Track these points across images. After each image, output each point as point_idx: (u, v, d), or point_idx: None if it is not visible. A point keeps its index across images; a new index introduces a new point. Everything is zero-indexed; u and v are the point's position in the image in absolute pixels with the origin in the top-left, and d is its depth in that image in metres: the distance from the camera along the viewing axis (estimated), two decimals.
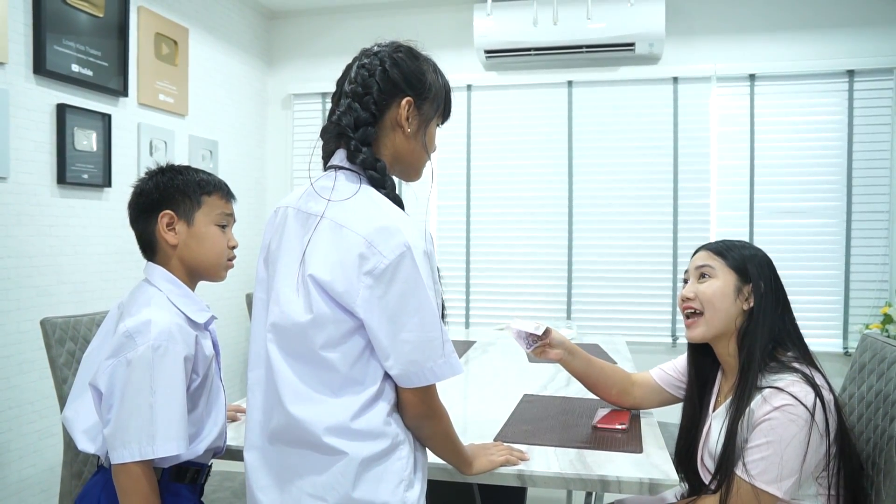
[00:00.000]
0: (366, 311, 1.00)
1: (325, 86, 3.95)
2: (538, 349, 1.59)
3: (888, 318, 3.17)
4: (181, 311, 1.27)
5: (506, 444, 1.33)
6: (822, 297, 3.39)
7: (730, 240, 1.46)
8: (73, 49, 2.53)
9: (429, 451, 1.17)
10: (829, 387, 1.27)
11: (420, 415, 1.07)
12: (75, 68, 2.54)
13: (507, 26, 3.49)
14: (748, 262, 1.38)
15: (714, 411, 1.41)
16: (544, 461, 1.30)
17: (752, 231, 3.47)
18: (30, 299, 2.38)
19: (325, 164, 1.17)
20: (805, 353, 1.33)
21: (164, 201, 1.32)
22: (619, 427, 1.50)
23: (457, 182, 3.84)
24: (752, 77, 3.47)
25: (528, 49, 3.54)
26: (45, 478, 2.45)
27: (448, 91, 1.20)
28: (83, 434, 1.27)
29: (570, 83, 3.68)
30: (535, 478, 1.25)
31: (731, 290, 1.37)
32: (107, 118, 2.72)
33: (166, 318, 1.22)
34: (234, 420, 1.60)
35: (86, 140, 2.62)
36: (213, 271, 1.37)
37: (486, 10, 3.30)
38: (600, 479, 1.23)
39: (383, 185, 1.10)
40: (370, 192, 1.08)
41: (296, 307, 1.05)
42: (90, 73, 2.62)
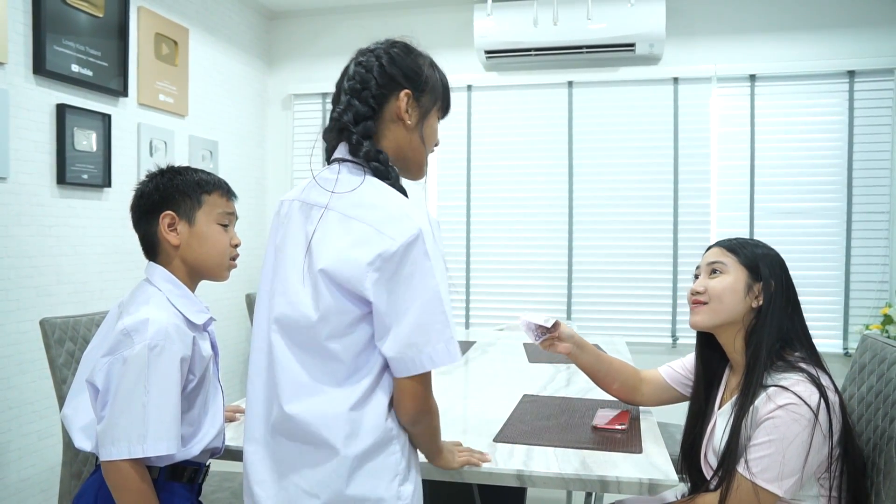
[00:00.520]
0: (375, 293, 1.01)
1: (326, 86, 3.95)
2: (547, 342, 1.60)
3: (888, 319, 3.17)
4: (180, 311, 1.27)
5: (466, 447, 1.33)
6: (823, 297, 3.39)
7: (743, 238, 1.45)
8: (72, 49, 2.53)
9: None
10: (835, 388, 1.27)
11: (418, 410, 1.06)
12: (75, 68, 2.55)
13: (508, 27, 3.49)
14: (760, 261, 1.38)
15: (720, 409, 1.41)
16: (544, 461, 1.30)
17: (752, 232, 3.47)
18: (29, 299, 2.38)
19: (328, 160, 1.18)
20: (812, 354, 1.33)
21: (165, 202, 1.32)
22: (619, 427, 1.50)
23: (457, 182, 3.84)
24: (753, 77, 3.47)
25: (529, 49, 3.54)
26: (45, 478, 2.45)
27: (446, 85, 1.21)
28: (80, 431, 1.27)
29: (570, 83, 3.68)
30: (535, 478, 1.25)
31: (742, 287, 1.37)
32: (107, 118, 2.72)
33: (164, 318, 1.22)
34: (232, 420, 1.60)
35: (86, 140, 2.62)
36: (216, 271, 1.37)
37: (486, 10, 3.30)
38: (600, 480, 1.23)
39: (387, 176, 1.10)
40: (374, 182, 1.09)
41: (302, 298, 1.05)
42: (90, 73, 2.62)
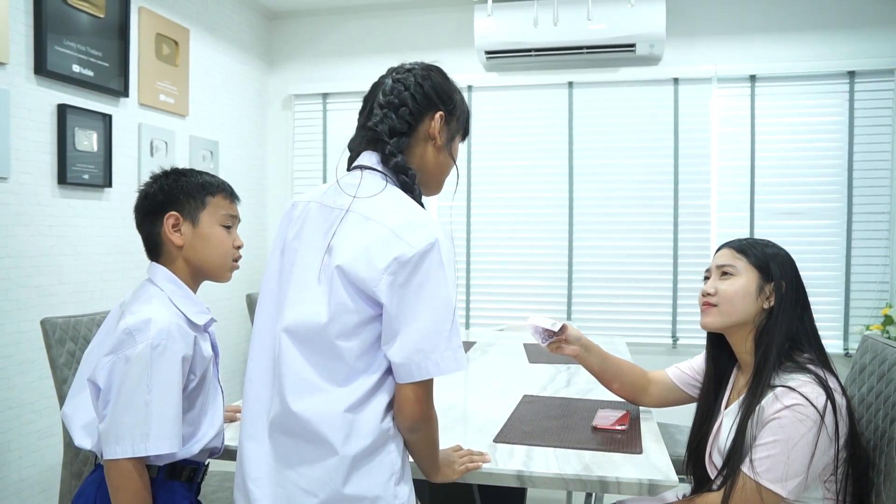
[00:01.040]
0: (387, 296, 1.03)
1: (326, 86, 3.96)
2: (554, 345, 1.60)
3: (889, 320, 3.17)
4: (181, 311, 1.28)
5: (466, 448, 1.33)
6: (823, 298, 3.39)
7: (753, 238, 1.45)
8: (73, 49, 2.53)
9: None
10: (843, 390, 1.27)
11: (419, 417, 1.07)
12: (76, 69, 2.55)
13: (508, 27, 3.49)
14: (771, 261, 1.38)
15: (726, 408, 1.41)
16: (544, 462, 1.30)
17: (752, 232, 3.47)
18: (30, 299, 2.38)
19: (350, 166, 1.21)
20: (821, 355, 1.33)
21: (169, 203, 1.33)
22: (619, 428, 1.50)
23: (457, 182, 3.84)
24: (753, 78, 3.47)
25: (529, 50, 3.54)
26: (45, 477, 2.45)
27: (469, 111, 1.29)
28: (81, 429, 1.28)
29: (570, 84, 3.68)
30: (535, 478, 1.25)
31: (753, 289, 1.37)
32: (107, 118, 2.72)
33: (166, 318, 1.22)
34: (232, 420, 1.60)
35: (86, 140, 2.62)
36: (219, 272, 1.38)
37: (486, 10, 3.30)
38: (600, 480, 1.23)
39: (412, 190, 1.15)
40: (396, 191, 1.13)
41: (317, 296, 1.07)
42: (91, 73, 2.62)
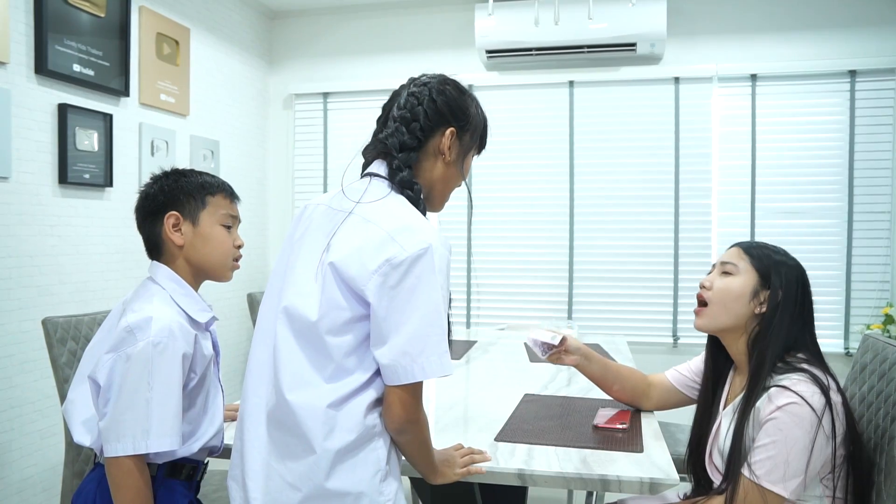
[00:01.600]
0: (375, 297, 1.04)
1: (326, 86, 3.96)
2: (554, 356, 1.61)
3: (889, 319, 3.17)
4: (183, 309, 1.29)
5: (466, 447, 1.33)
6: (824, 297, 3.38)
7: (766, 243, 1.44)
8: (74, 49, 2.53)
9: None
10: (838, 388, 1.27)
11: (406, 419, 1.08)
12: (77, 68, 2.55)
13: (509, 26, 3.49)
14: (773, 268, 1.36)
15: (724, 409, 1.41)
16: (545, 461, 1.30)
17: (753, 231, 3.47)
18: (31, 299, 2.38)
19: (362, 173, 1.23)
20: (817, 357, 1.33)
21: (170, 203, 1.34)
22: (620, 427, 1.50)
23: None
24: (754, 77, 3.46)
25: (530, 49, 3.54)
26: (47, 477, 2.45)
27: (486, 124, 1.30)
28: (81, 426, 1.29)
29: (571, 83, 3.68)
30: (536, 477, 1.25)
31: (748, 292, 1.36)
32: (108, 118, 2.72)
33: (167, 316, 1.23)
34: (233, 420, 1.60)
35: (87, 140, 2.62)
36: (220, 271, 1.39)
37: (487, 9, 3.30)
38: (601, 479, 1.23)
39: (416, 204, 1.16)
40: (399, 197, 1.15)
41: (313, 291, 1.09)
42: (91, 72, 2.62)
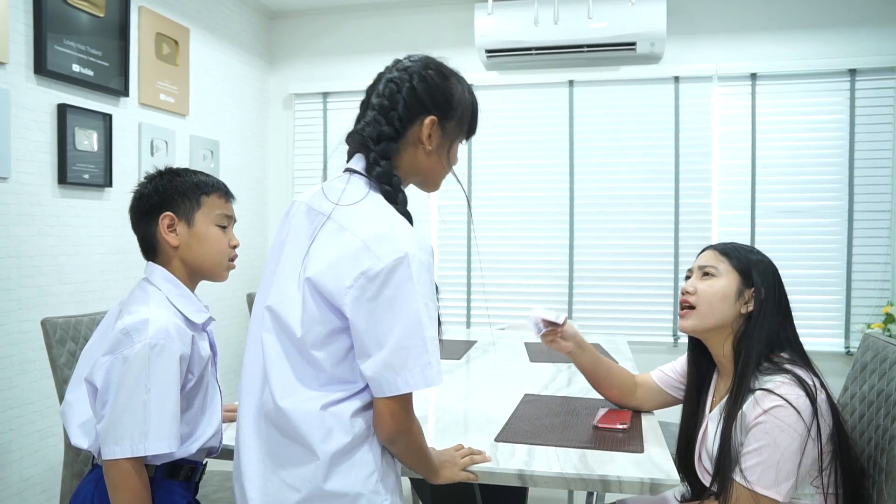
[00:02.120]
0: (353, 311, 1.02)
1: (326, 85, 3.95)
2: (549, 337, 1.60)
3: (890, 318, 3.17)
4: (179, 310, 1.28)
5: (467, 447, 1.32)
6: (824, 296, 3.39)
7: (738, 243, 1.45)
8: (73, 49, 2.53)
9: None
10: (822, 386, 1.27)
11: (395, 430, 1.06)
12: (76, 68, 2.55)
13: (508, 26, 3.49)
14: (753, 267, 1.38)
15: (710, 412, 1.41)
16: (545, 461, 1.29)
17: (753, 231, 3.47)
18: (31, 299, 2.38)
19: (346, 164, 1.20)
20: (801, 356, 1.33)
21: (164, 203, 1.33)
22: (620, 427, 1.49)
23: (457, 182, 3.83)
24: (754, 76, 3.46)
25: (530, 49, 3.54)
26: (47, 478, 2.45)
27: (475, 109, 1.22)
28: (77, 428, 1.28)
29: (571, 83, 3.68)
30: (536, 478, 1.25)
31: (733, 292, 1.37)
32: (108, 118, 2.72)
33: (164, 317, 1.23)
34: (233, 420, 1.60)
35: (87, 140, 2.62)
36: (215, 272, 1.38)
37: (487, 9, 3.30)
38: (601, 479, 1.23)
39: (395, 201, 1.12)
40: (377, 198, 1.11)
41: (293, 302, 1.07)
42: (91, 73, 2.62)
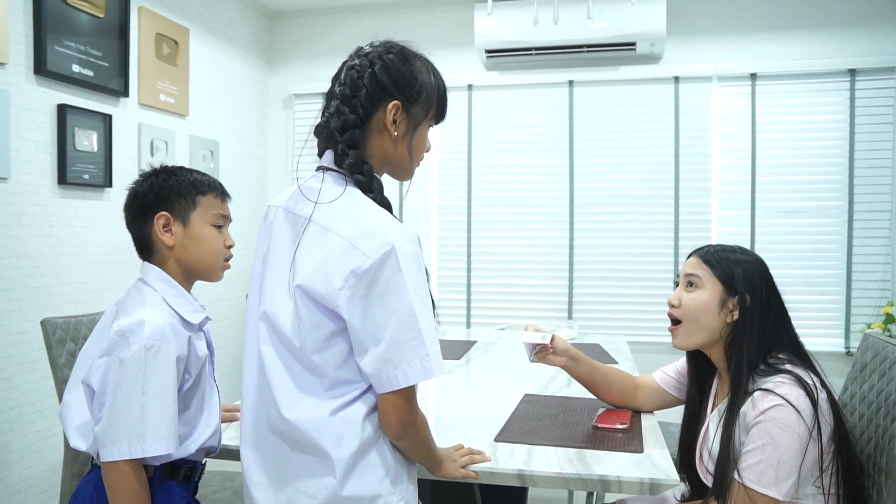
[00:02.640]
0: (348, 311, 1.02)
1: (327, 86, 3.87)
2: (540, 354, 1.60)
3: (890, 318, 3.17)
4: (175, 311, 1.27)
5: (467, 447, 1.32)
6: (824, 296, 3.38)
7: (722, 245, 1.43)
8: (73, 49, 2.53)
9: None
10: (823, 385, 1.26)
11: (400, 424, 1.06)
12: (76, 69, 2.55)
13: (508, 26, 3.49)
14: (736, 274, 1.35)
15: (711, 412, 1.41)
16: (545, 461, 1.29)
17: (753, 231, 3.47)
18: (30, 299, 2.38)
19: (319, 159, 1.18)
20: (800, 355, 1.32)
21: (160, 203, 1.32)
22: (620, 427, 1.49)
23: (457, 182, 3.84)
24: (754, 76, 3.46)
25: (529, 49, 3.53)
26: (46, 478, 2.45)
27: (443, 91, 1.18)
28: (75, 431, 1.28)
29: (570, 83, 3.68)
30: (536, 477, 1.25)
31: (716, 304, 1.36)
32: (107, 118, 2.72)
33: (160, 319, 1.22)
34: (233, 420, 1.60)
35: (86, 140, 2.62)
36: (211, 272, 1.37)
37: (486, 9, 3.30)
38: (601, 479, 1.23)
39: (370, 189, 1.10)
40: (355, 193, 1.09)
41: (286, 310, 1.07)
42: (91, 73, 2.62)
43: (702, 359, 1.48)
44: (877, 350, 1.51)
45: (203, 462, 1.38)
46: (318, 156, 1.17)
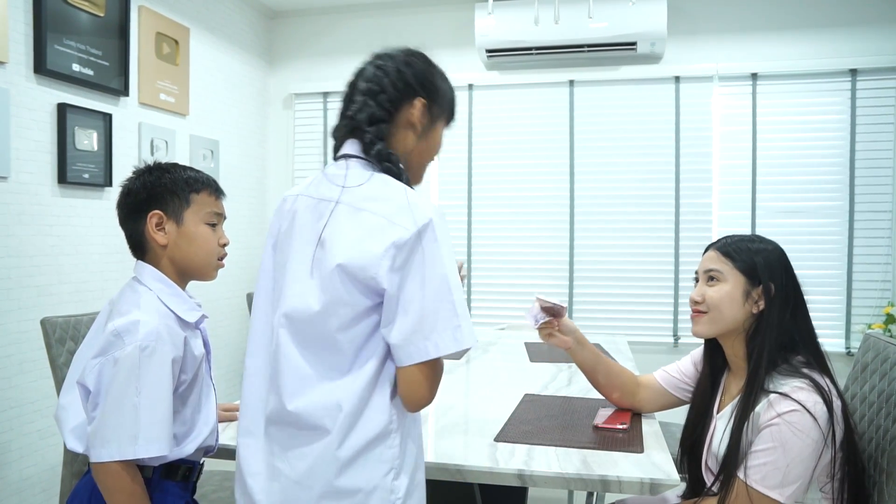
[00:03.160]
0: (388, 281, 1.01)
1: (327, 85, 3.95)
2: (545, 330, 1.59)
3: (891, 318, 3.17)
4: (171, 310, 1.26)
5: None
6: (825, 296, 3.38)
7: (739, 236, 1.42)
8: (73, 48, 2.53)
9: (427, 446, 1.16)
10: (839, 393, 1.26)
11: (422, 398, 1.05)
12: (76, 68, 2.54)
13: (509, 25, 3.49)
14: (758, 263, 1.34)
15: (719, 413, 1.40)
16: (545, 461, 1.29)
17: (753, 231, 3.46)
18: (30, 299, 2.38)
19: (335, 156, 1.18)
20: (817, 358, 1.31)
21: (153, 200, 1.31)
22: (621, 427, 1.49)
23: (458, 182, 3.84)
24: (754, 76, 3.46)
25: (530, 48, 3.53)
26: (46, 477, 2.45)
27: (454, 97, 1.24)
28: (71, 433, 1.26)
29: (571, 82, 3.68)
30: (536, 478, 1.25)
31: (740, 295, 1.34)
32: (108, 118, 2.71)
33: (155, 319, 1.21)
34: (232, 420, 1.59)
35: (87, 140, 2.62)
36: (204, 271, 1.35)
37: (487, 9, 3.30)
38: (601, 479, 1.22)
39: (398, 176, 1.11)
40: (383, 176, 1.10)
41: (310, 290, 1.05)
42: (91, 72, 2.62)
43: (718, 354, 1.46)
44: (878, 350, 1.51)
45: (201, 462, 1.38)
46: (335, 150, 1.19)
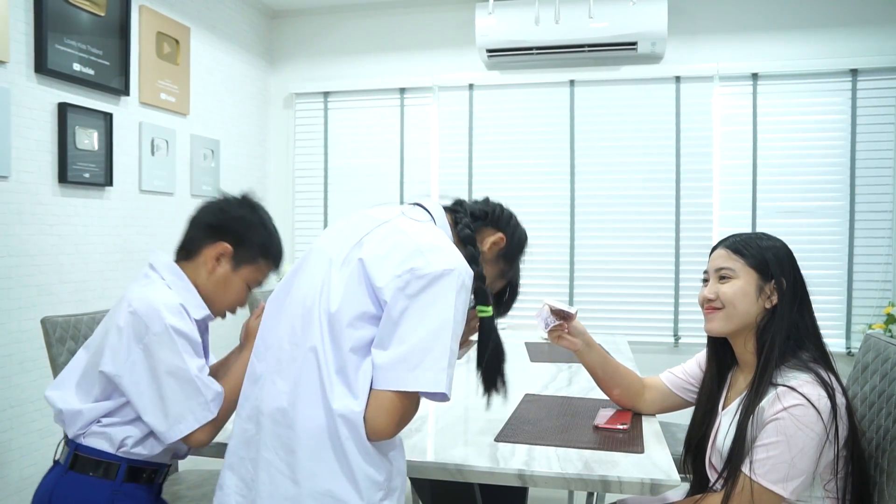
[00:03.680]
0: (392, 298, 1.03)
1: (327, 85, 3.95)
2: (555, 332, 1.59)
3: (891, 318, 3.16)
4: (181, 303, 1.27)
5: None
6: (825, 296, 3.38)
7: (747, 233, 1.43)
8: (74, 48, 2.53)
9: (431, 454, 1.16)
10: (843, 390, 1.26)
11: (387, 427, 1.02)
12: (77, 67, 2.54)
13: (509, 25, 3.48)
14: (769, 259, 1.35)
15: (725, 408, 1.40)
16: (545, 461, 1.29)
17: (754, 231, 3.46)
18: (31, 298, 2.38)
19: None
20: (822, 354, 1.32)
21: (235, 236, 1.35)
22: (621, 427, 1.49)
23: (458, 182, 3.84)
24: (755, 76, 3.46)
25: (530, 48, 3.53)
26: None
27: (525, 240, 1.53)
28: (74, 388, 1.30)
29: (572, 82, 3.67)
30: (537, 478, 1.24)
31: (753, 290, 1.35)
32: (108, 117, 2.71)
33: (171, 297, 1.25)
34: None
35: (87, 139, 2.62)
36: (216, 311, 1.40)
37: (487, 9, 3.29)
38: (601, 480, 1.22)
39: (476, 262, 1.18)
40: (439, 230, 1.16)
41: (337, 282, 1.07)
42: (91, 72, 2.62)
43: (725, 350, 1.46)
44: (878, 350, 1.51)
45: (168, 464, 1.38)
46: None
